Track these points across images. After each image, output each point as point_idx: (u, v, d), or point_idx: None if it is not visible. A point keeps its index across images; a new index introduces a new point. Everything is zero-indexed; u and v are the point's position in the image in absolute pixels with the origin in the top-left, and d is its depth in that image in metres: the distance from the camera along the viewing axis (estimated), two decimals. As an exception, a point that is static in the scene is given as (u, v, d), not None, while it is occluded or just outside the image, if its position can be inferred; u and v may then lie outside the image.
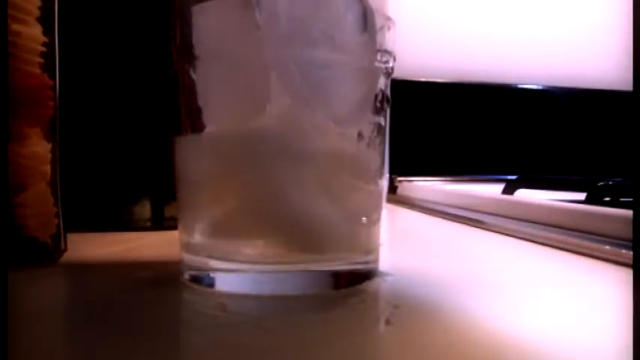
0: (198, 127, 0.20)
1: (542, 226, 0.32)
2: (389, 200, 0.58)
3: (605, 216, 0.29)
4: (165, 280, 0.22)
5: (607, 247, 0.26)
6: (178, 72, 0.21)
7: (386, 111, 0.22)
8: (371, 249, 0.21)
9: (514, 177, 0.56)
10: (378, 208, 0.21)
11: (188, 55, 0.20)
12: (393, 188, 0.62)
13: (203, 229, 0.20)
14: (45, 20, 0.24)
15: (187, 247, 0.21)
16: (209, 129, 0.20)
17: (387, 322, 0.17)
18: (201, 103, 0.20)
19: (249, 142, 0.19)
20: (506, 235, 0.34)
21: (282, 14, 0.18)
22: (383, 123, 0.22)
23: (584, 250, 0.27)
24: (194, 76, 0.20)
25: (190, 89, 0.20)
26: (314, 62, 0.19)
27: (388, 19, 0.21)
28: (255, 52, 0.19)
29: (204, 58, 0.19)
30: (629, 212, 0.28)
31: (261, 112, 0.19)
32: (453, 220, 0.42)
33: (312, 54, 0.19)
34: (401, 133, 0.69)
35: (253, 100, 0.19)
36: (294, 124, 0.19)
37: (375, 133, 0.21)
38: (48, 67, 0.24)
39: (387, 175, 0.57)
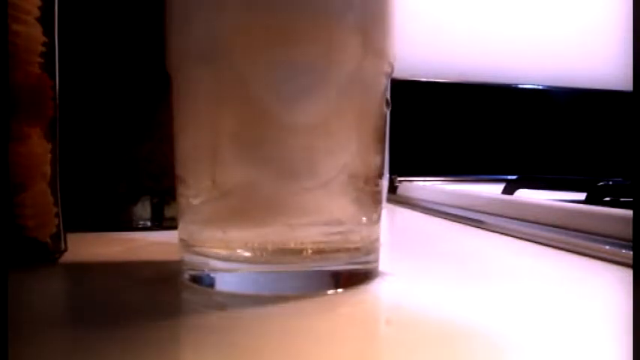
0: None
1: (542, 226, 0.32)
2: (389, 200, 0.58)
3: (605, 216, 0.29)
4: (165, 279, 0.22)
5: (607, 247, 0.26)
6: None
7: (386, 112, 0.22)
8: (371, 249, 0.21)
9: (514, 177, 0.56)
10: (378, 208, 0.21)
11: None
12: (393, 188, 0.62)
13: (204, 209, 0.20)
14: (45, 20, 0.24)
15: (187, 247, 0.21)
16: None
17: (387, 322, 0.17)
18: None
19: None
20: (506, 235, 0.34)
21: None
22: (383, 124, 0.22)
23: (584, 250, 0.27)
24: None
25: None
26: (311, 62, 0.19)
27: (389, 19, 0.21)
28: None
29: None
30: (629, 212, 0.28)
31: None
32: (453, 220, 0.42)
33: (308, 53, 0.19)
34: (401, 133, 0.68)
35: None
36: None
37: (374, 134, 0.21)
38: (48, 67, 0.24)
39: (387, 175, 0.57)
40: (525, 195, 0.48)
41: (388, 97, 0.22)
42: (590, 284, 0.23)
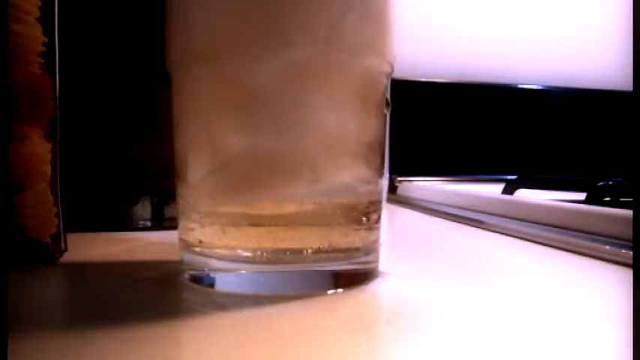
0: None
1: (542, 226, 0.32)
2: (389, 200, 0.58)
3: (605, 216, 0.29)
4: (165, 280, 0.22)
5: (607, 247, 0.26)
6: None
7: (386, 112, 0.22)
8: (371, 249, 0.21)
9: (514, 177, 0.56)
10: (378, 209, 0.21)
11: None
12: (393, 188, 0.62)
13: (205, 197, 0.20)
14: (45, 20, 0.24)
15: (187, 247, 0.21)
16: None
17: (387, 322, 0.17)
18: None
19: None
20: (506, 235, 0.34)
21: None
22: (383, 123, 0.22)
23: (584, 250, 0.27)
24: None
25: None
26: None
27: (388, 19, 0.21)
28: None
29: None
30: (629, 212, 0.28)
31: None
32: (453, 220, 0.42)
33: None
34: (401, 133, 0.69)
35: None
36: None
37: (375, 134, 0.21)
38: (48, 67, 0.24)
39: (387, 175, 0.57)
40: (525, 195, 0.48)
41: (388, 97, 0.22)
42: (590, 284, 0.23)
